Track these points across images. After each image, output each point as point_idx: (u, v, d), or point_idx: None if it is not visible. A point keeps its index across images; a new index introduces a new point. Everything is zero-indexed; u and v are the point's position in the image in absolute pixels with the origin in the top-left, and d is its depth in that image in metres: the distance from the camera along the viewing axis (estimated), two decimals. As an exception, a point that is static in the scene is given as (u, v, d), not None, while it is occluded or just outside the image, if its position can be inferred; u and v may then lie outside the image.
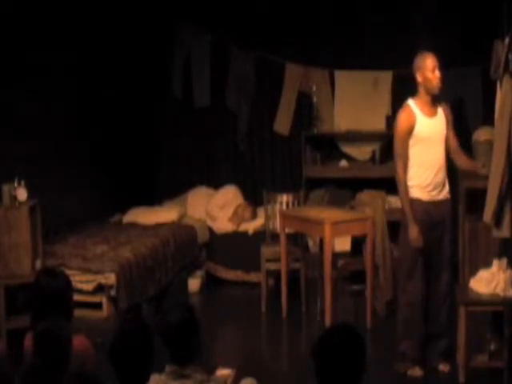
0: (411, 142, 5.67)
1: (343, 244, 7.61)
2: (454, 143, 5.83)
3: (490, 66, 5.70)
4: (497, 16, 6.11)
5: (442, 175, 5.72)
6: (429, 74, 5.61)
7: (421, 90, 5.68)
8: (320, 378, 3.11)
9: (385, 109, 8.44)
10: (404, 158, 5.70)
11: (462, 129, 7.15)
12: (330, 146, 8.73)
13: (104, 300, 7.00)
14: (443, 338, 5.84)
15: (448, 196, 5.81)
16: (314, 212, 7.13)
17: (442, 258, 5.78)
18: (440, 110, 5.73)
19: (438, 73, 5.61)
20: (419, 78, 5.64)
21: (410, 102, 5.71)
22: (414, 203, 5.71)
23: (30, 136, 7.11)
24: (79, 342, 3.80)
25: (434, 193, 5.72)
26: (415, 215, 5.66)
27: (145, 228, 8.16)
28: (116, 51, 8.51)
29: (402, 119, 5.70)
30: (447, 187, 5.79)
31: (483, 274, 5.52)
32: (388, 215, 7.41)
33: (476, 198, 6.13)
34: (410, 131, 5.64)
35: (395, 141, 5.75)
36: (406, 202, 5.69)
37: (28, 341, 3.89)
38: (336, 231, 6.70)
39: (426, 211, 5.70)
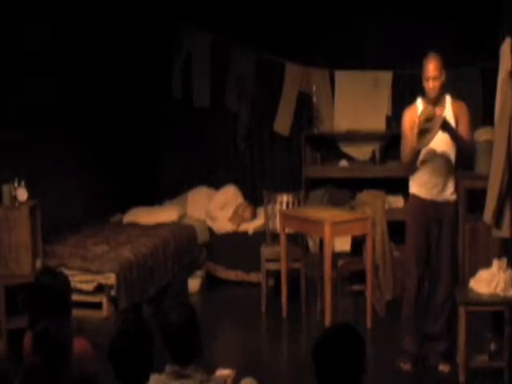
0: None
1: (343, 244, 7.60)
2: None
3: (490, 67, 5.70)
4: (497, 16, 6.12)
5: (441, 175, 5.70)
6: (424, 82, 5.67)
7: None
8: (320, 378, 3.10)
9: (385, 109, 8.44)
10: None
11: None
12: (329, 146, 8.73)
13: (104, 300, 7.00)
14: (443, 339, 5.85)
15: (450, 198, 5.77)
16: (313, 212, 7.12)
17: (441, 260, 5.78)
18: (448, 109, 5.70)
19: (431, 83, 5.62)
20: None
21: (418, 100, 5.78)
22: (413, 198, 5.82)
23: (31, 136, 7.11)
24: (80, 344, 3.79)
25: (433, 192, 5.73)
26: (413, 210, 5.76)
27: (145, 228, 8.16)
28: (116, 51, 8.51)
29: (404, 116, 5.81)
30: (450, 189, 5.76)
31: (483, 274, 5.52)
32: (388, 215, 7.42)
33: (476, 198, 6.13)
34: (412, 128, 5.65)
35: (401, 137, 5.84)
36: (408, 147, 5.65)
37: (27, 340, 3.89)
38: (336, 231, 6.70)
39: (423, 209, 5.74)
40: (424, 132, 5.48)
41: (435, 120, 5.45)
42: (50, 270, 4.98)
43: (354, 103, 8.51)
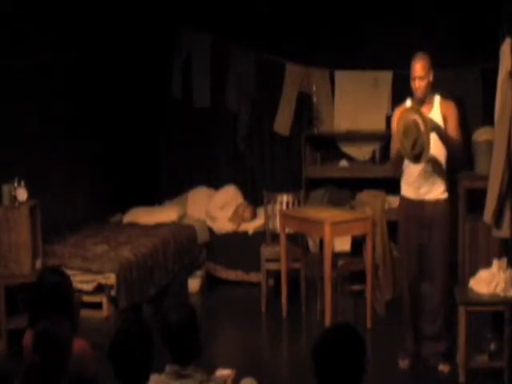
0: None
1: (343, 244, 7.61)
2: None
3: (490, 67, 5.70)
4: (497, 16, 6.11)
5: (428, 175, 5.67)
6: (411, 82, 5.68)
7: None
8: (320, 378, 3.11)
9: (385, 109, 8.43)
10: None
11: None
12: (329, 146, 8.73)
13: (104, 300, 7.00)
14: (443, 339, 5.85)
15: (440, 197, 5.72)
16: (313, 212, 7.12)
17: (434, 261, 5.76)
18: (436, 109, 5.70)
19: (417, 83, 5.63)
20: None
21: (408, 100, 5.77)
22: (402, 199, 5.84)
23: (30, 136, 7.11)
24: (79, 345, 3.79)
25: (421, 191, 5.71)
26: (403, 211, 5.79)
27: (145, 228, 8.16)
28: (116, 51, 8.52)
29: (394, 117, 5.81)
30: (440, 188, 5.70)
31: (483, 274, 5.52)
32: (388, 215, 7.42)
33: (476, 198, 6.13)
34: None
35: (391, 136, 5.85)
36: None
37: (27, 337, 3.89)
38: (336, 231, 6.70)
39: (413, 209, 5.74)
40: (417, 157, 5.48)
41: (421, 139, 5.40)
42: (54, 268, 4.99)
43: (354, 103, 8.51)
